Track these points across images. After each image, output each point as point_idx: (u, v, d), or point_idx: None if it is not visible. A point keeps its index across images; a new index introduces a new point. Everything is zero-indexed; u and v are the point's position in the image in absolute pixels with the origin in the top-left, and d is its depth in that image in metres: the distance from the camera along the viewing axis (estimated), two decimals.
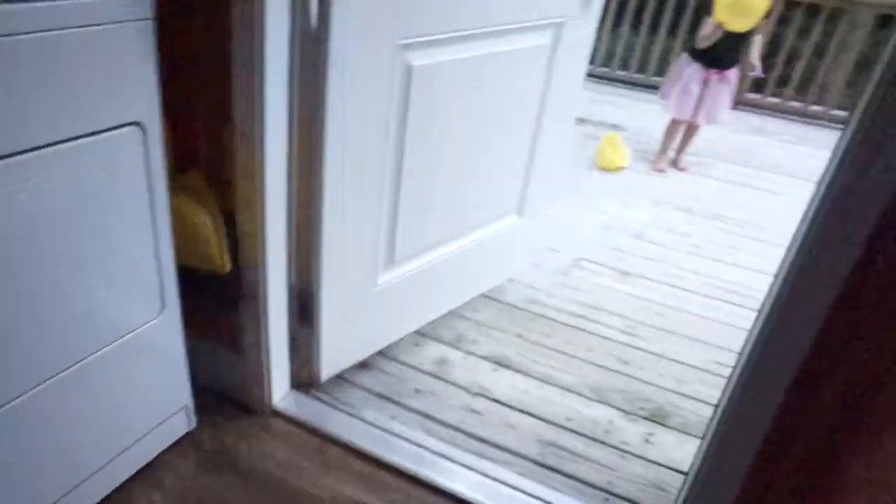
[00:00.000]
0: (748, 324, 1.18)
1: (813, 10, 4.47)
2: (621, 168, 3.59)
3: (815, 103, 4.65)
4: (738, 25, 3.12)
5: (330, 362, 1.78)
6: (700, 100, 3.39)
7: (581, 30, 1.90)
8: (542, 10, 1.75)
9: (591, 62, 3.02)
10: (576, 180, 3.43)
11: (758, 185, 3.62)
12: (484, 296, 2.31)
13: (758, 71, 3.45)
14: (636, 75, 5.06)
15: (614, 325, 2.29)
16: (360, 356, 1.90)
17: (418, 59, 1.49)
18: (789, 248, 1.02)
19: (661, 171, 3.62)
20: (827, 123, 4.52)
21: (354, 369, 1.90)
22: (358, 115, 1.43)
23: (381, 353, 1.97)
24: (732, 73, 3.40)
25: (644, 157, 3.77)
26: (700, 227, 3.08)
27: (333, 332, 1.71)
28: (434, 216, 1.83)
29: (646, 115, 4.31)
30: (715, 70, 3.34)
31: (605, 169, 3.58)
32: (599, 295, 2.45)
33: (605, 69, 5.11)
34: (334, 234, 1.53)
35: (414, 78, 1.50)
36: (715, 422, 1.18)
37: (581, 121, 4.14)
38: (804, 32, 4.51)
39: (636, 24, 4.98)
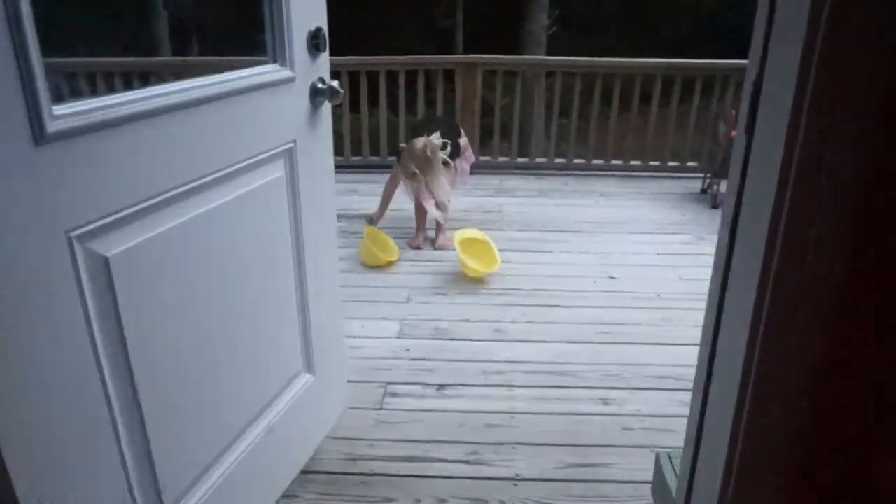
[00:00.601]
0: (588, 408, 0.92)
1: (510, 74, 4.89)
2: (391, 262, 3.35)
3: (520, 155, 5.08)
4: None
5: None
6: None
7: (317, 144, 1.61)
8: (267, 141, 1.41)
9: None
10: (348, 288, 3.08)
11: (521, 245, 3.67)
12: (302, 472, 1.82)
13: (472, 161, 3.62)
14: (372, 158, 4.97)
15: (456, 456, 1.96)
16: None
17: (112, 245, 1.03)
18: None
19: (417, 247, 3.58)
20: (537, 172, 4.92)
21: None
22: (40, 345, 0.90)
23: None
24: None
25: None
26: (494, 307, 2.95)
27: None
28: (205, 420, 1.33)
29: (395, 198, 4.18)
30: None
31: (375, 267, 3.30)
32: (426, 423, 2.12)
33: (338, 157, 4.92)
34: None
35: (114, 270, 1.03)
36: None
37: None
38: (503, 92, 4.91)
39: (354, 107, 4.89)
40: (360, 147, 4.97)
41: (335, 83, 1.54)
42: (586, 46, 13.47)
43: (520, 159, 5.03)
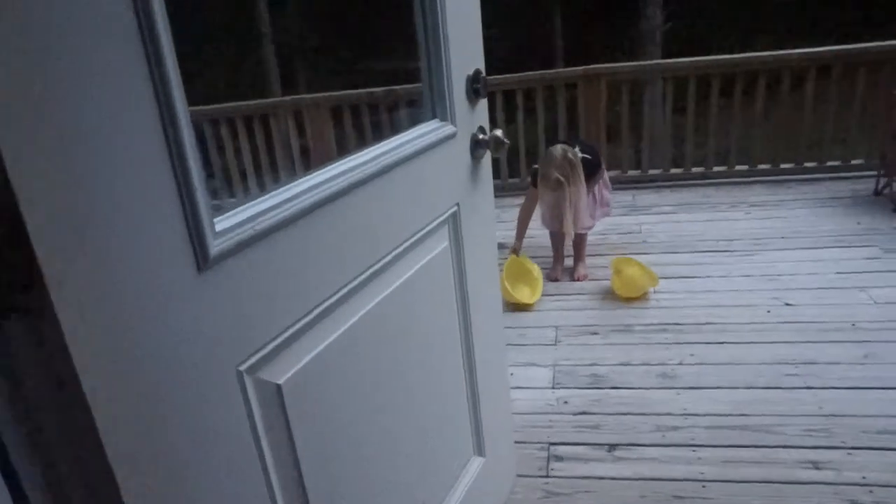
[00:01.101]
0: None
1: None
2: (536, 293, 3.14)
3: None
4: None
5: None
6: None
7: (480, 201, 1.44)
8: (430, 211, 1.25)
9: None
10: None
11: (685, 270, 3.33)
12: None
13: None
14: (511, 180, 4.81)
15: None
16: None
17: (283, 368, 0.88)
18: None
19: (555, 279, 3.36)
20: (673, 184, 4.52)
21: None
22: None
23: None
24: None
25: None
26: (655, 346, 2.65)
27: None
28: None
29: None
30: None
31: (520, 304, 3.09)
32: (600, 494, 1.87)
33: None
34: None
35: (286, 395, 0.89)
36: None
37: None
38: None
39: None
40: (496, 170, 4.82)
41: (499, 132, 1.36)
42: (705, 40, 12.72)
43: (652, 171, 4.65)
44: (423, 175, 1.20)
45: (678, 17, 8.83)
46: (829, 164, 4.33)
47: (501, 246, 3.78)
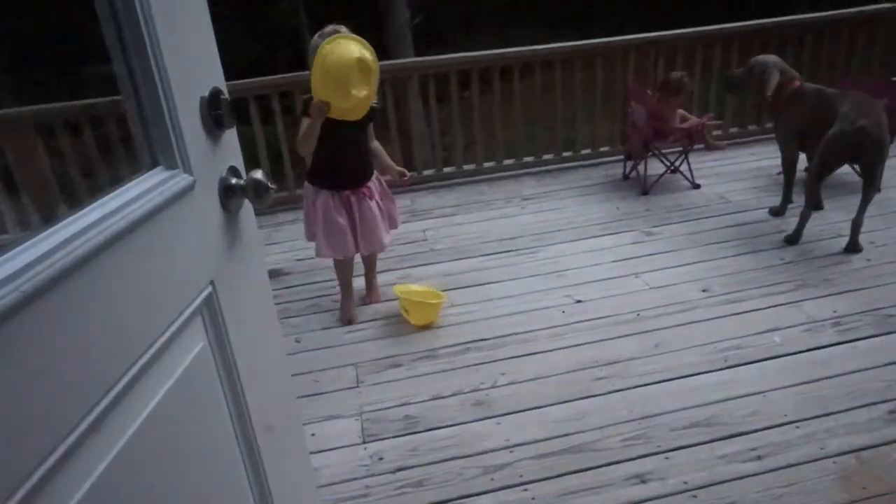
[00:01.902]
0: None
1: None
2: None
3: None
4: (351, 113, 2.39)
5: None
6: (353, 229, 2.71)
7: (244, 269, 1.06)
8: (166, 309, 0.85)
9: None
10: None
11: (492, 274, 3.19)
12: None
13: (408, 176, 2.94)
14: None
15: None
16: None
17: None
18: None
19: (349, 321, 2.82)
20: (448, 183, 4.47)
21: None
22: None
23: None
24: (374, 186, 2.75)
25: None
26: (463, 370, 2.45)
27: None
28: None
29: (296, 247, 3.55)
30: (347, 191, 2.67)
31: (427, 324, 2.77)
32: None
33: None
34: None
35: None
36: None
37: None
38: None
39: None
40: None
41: (259, 174, 0.96)
42: (458, 37, 13.23)
43: (426, 172, 4.53)
44: (150, 255, 0.78)
45: (426, 11, 8.97)
46: (583, 152, 4.60)
47: (278, 273, 3.32)
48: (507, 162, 4.55)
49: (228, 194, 0.95)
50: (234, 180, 0.96)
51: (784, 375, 2.23)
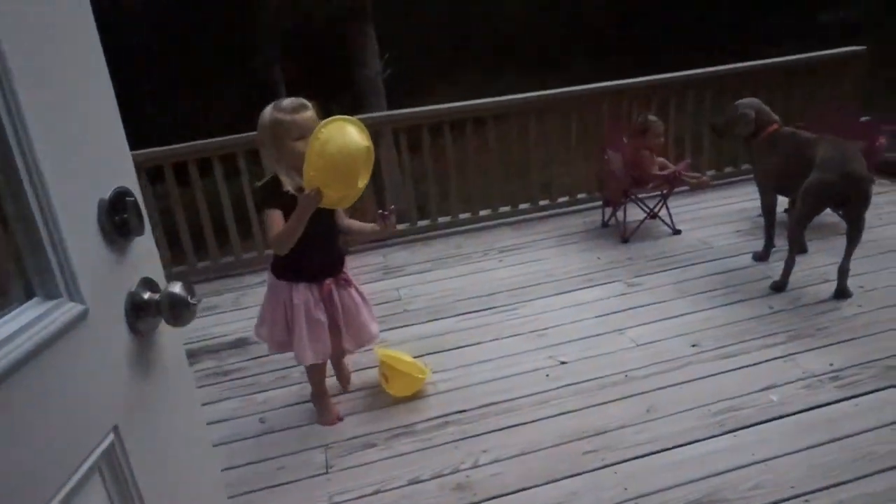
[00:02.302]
0: None
1: None
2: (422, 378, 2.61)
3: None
4: (343, 202, 2.10)
5: None
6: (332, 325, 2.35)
7: (163, 407, 0.88)
8: (54, 468, 0.67)
9: None
10: (235, 470, 2.25)
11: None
12: None
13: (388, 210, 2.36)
14: (225, 259, 4.11)
15: None
16: None
17: None
18: None
19: (337, 420, 2.49)
20: (424, 237, 4.34)
21: None
22: None
23: None
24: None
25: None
26: (443, 448, 2.26)
27: None
28: None
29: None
30: (329, 280, 2.32)
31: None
32: None
33: (180, 266, 4.02)
34: None
35: None
36: None
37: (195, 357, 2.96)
38: None
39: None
40: (202, 242, 4.07)
41: (177, 288, 0.80)
42: (427, 85, 13.32)
43: (399, 226, 4.39)
44: (23, 410, 0.61)
45: (403, 62, 9.00)
46: (560, 200, 4.52)
47: (243, 343, 3.12)
48: (484, 213, 4.45)
49: (139, 314, 0.79)
50: (147, 295, 0.81)
51: (786, 439, 2.08)
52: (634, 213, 3.99)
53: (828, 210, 3.26)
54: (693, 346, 2.68)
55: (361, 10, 7.79)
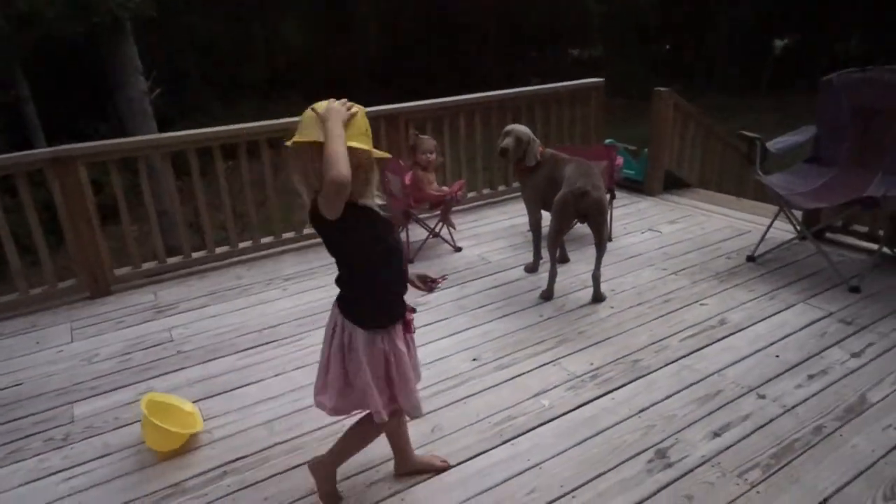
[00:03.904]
0: None
1: None
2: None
3: None
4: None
5: None
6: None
7: None
8: None
9: None
10: None
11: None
12: None
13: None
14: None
15: None
16: None
17: None
18: None
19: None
20: (198, 270, 4.02)
21: None
22: None
23: None
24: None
25: None
26: (228, 499, 2.04)
27: None
28: None
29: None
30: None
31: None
32: None
33: None
34: None
35: None
36: None
37: None
38: None
39: None
40: None
41: None
42: (197, 106, 12.47)
43: (171, 260, 4.00)
44: None
45: (165, 82, 8.28)
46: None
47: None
48: (265, 240, 4.24)
49: None
50: None
51: (557, 441, 2.23)
52: (418, 234, 4.09)
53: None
54: (474, 360, 2.78)
55: (118, 26, 7.06)
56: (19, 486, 2.17)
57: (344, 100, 1.64)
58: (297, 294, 3.59)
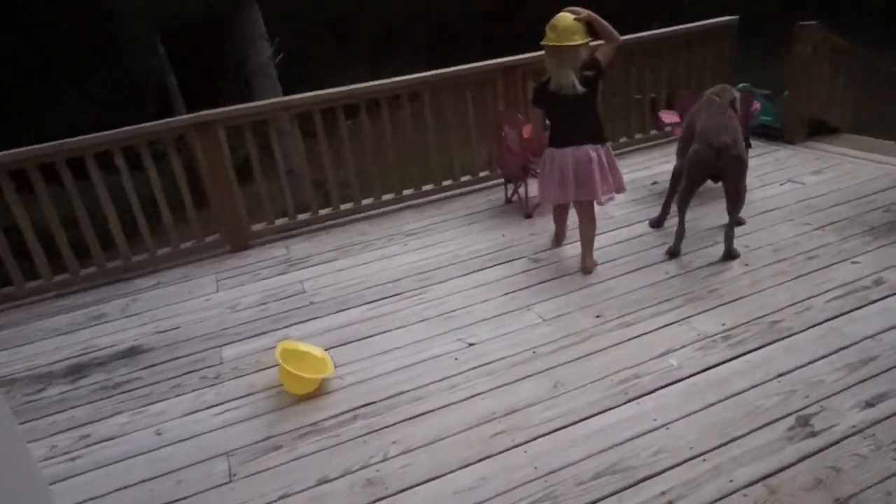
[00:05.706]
0: None
1: None
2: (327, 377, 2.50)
3: None
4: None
5: None
6: None
7: None
8: None
9: None
10: (127, 490, 2.08)
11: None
12: None
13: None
14: (87, 270, 3.80)
15: None
16: None
17: None
18: None
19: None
20: (326, 226, 4.21)
21: None
22: None
23: None
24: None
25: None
26: (351, 443, 2.18)
27: None
28: None
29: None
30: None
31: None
32: None
33: (35, 282, 3.69)
34: None
35: None
36: None
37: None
38: None
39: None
40: (84, 250, 3.75)
41: None
42: (319, 68, 12.89)
43: (301, 216, 4.23)
44: None
45: (287, 47, 8.60)
46: (462, 179, 4.48)
47: (135, 351, 2.89)
48: (386, 197, 4.35)
49: None
50: None
51: (684, 402, 2.15)
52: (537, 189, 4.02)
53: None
54: (597, 316, 2.73)
55: None
56: (183, 416, 2.44)
57: (573, 7, 2.89)
58: (416, 250, 3.67)
